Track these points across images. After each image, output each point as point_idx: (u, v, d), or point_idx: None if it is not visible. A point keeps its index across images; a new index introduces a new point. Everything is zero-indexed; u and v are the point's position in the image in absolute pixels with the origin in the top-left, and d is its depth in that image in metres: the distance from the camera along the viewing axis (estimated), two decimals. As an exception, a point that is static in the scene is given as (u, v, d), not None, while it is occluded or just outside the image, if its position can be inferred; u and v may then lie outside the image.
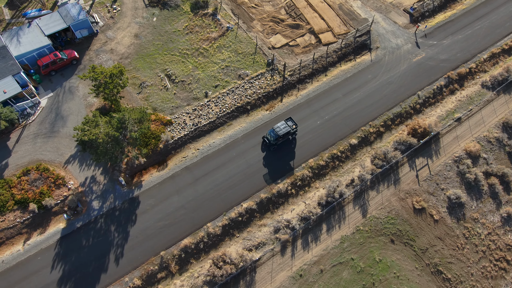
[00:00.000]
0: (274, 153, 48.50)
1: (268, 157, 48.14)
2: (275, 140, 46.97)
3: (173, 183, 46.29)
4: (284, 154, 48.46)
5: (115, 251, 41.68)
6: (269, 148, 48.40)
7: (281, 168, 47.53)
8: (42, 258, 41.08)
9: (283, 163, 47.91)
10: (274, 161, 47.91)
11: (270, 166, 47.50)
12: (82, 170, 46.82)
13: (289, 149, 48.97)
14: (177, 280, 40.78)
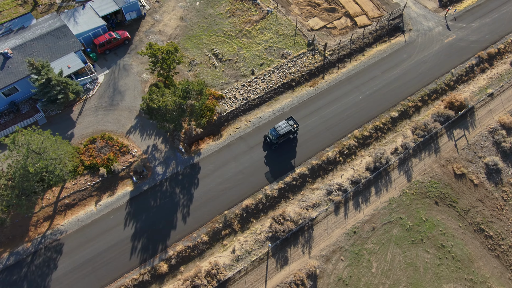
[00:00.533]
0: (322, 124, 52.39)
1: (316, 128, 52.07)
2: (276, 139, 47.80)
3: (230, 151, 50.11)
4: (331, 125, 52.40)
5: (182, 211, 45.46)
6: (271, 147, 49.34)
7: (328, 138, 51.36)
8: (115, 217, 44.77)
9: (331, 133, 51.87)
10: (321, 132, 51.84)
11: (319, 136, 51.40)
12: (143, 139, 50.61)
13: (336, 121, 52.89)
14: (241, 236, 44.55)
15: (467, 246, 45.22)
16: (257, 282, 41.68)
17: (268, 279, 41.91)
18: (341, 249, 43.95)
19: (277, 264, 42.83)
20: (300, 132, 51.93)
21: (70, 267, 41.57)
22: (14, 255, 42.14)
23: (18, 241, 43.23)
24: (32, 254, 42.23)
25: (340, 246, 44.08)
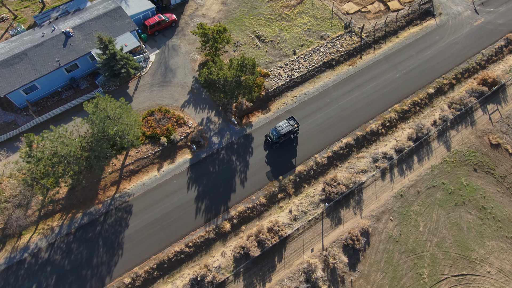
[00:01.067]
0: (364, 99, 56.34)
1: (358, 103, 56.06)
2: (277, 139, 49.03)
3: (278, 123, 53.93)
4: (372, 100, 56.36)
5: (240, 176, 49.35)
6: (271, 147, 50.58)
7: (370, 111, 55.29)
8: (177, 181, 48.63)
9: (372, 107, 55.86)
10: (364, 106, 55.82)
11: (361, 110, 55.38)
12: (197, 113, 54.54)
13: (376, 96, 56.87)
14: (295, 199, 48.42)
15: (506, 208, 49.08)
16: (314, 239, 45.48)
17: (324, 237, 45.73)
18: (389, 210, 47.78)
19: (332, 223, 46.65)
20: (344, 106, 55.86)
21: (141, 225, 45.30)
22: (87, 215, 45.92)
23: (89, 203, 47.00)
24: (104, 214, 45.98)
25: (388, 208, 47.91)
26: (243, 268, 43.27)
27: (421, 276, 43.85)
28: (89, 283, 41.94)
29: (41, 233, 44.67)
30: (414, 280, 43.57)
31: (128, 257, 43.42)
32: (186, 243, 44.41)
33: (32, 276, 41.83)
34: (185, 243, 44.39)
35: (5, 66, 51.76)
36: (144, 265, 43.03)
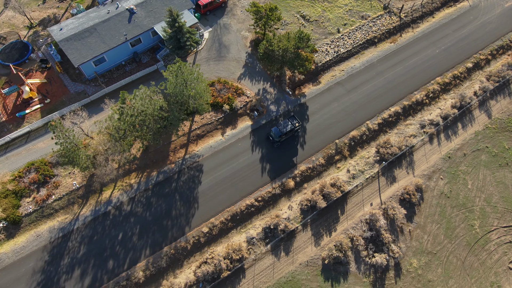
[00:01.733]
0: (407, 73, 61.06)
1: (403, 76, 60.88)
2: (278, 137, 50.91)
3: (330, 94, 58.78)
4: (415, 73, 61.17)
5: (299, 140, 53.91)
6: (273, 145, 52.32)
7: (415, 84, 60.03)
8: (242, 144, 53.29)
9: (416, 80, 60.77)
10: (408, 78, 60.60)
11: (406, 82, 60.17)
12: (253, 84, 59.23)
13: (419, 70, 61.72)
14: (351, 161, 53.09)
15: (546, 169, 53.81)
16: (372, 194, 50.11)
17: (381, 192, 50.37)
18: (439, 170, 52.45)
19: (387, 181, 51.30)
20: (390, 78, 60.65)
21: (212, 182, 49.90)
22: (162, 174, 50.51)
23: (161, 164, 51.58)
24: (177, 173, 50.57)
25: (438, 168, 52.59)
26: (310, 219, 47.82)
27: (472, 227, 48.43)
28: (170, 232, 46.42)
29: (121, 189, 49.18)
30: (467, 231, 48.15)
31: (204, 209, 47.93)
32: (256, 197, 48.95)
33: (118, 226, 46.33)
34: (255, 198, 48.93)
35: (77, 39, 56.39)
36: (219, 217, 47.55)
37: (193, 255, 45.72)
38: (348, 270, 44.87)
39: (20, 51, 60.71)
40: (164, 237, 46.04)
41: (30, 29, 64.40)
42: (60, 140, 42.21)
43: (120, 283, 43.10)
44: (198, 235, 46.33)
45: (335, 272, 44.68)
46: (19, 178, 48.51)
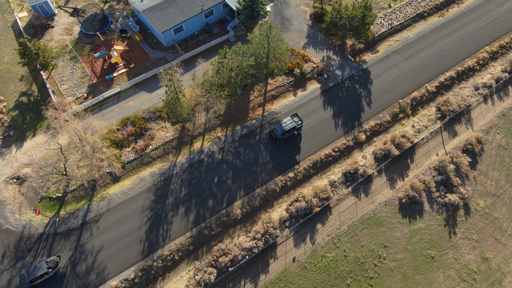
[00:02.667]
0: (457, 43, 67.36)
1: (453, 45, 67.32)
2: (281, 135, 52.53)
3: (389, 60, 65.05)
4: (464, 43, 67.62)
5: (365, 100, 60.20)
6: (276, 142, 54.15)
7: (465, 52, 66.41)
8: (314, 103, 59.48)
9: (466, 49, 67.23)
10: (459, 48, 67.05)
11: (457, 51, 66.59)
12: (317, 52, 65.45)
13: (467, 40, 68.19)
14: (414, 118, 59.29)
15: None
16: (437, 146, 56.24)
17: (445, 144, 56.52)
18: (495, 126, 58.66)
19: (449, 135, 57.47)
20: (442, 47, 66.89)
21: (291, 135, 55.88)
22: (245, 128, 56.56)
23: (243, 120, 57.67)
24: (259, 127, 56.67)
25: (494, 124, 58.81)
26: (384, 166, 53.90)
27: (530, 174, 54.58)
28: (259, 176, 52.44)
29: (210, 141, 55.23)
30: (525, 177, 54.30)
31: (288, 158, 53.99)
32: (332, 148, 55.04)
33: (212, 171, 52.34)
34: (332, 148, 55.02)
35: (159, 9, 62.56)
36: (302, 164, 53.62)
37: (281, 197, 51.66)
38: (422, 208, 50.86)
39: (100, 22, 66.82)
40: (255, 181, 52.00)
41: (106, 3, 70.46)
42: (171, 88, 48.11)
43: (221, 218, 49.00)
44: (285, 180, 52.30)
45: (411, 210, 50.67)
46: (117, 131, 54.36)
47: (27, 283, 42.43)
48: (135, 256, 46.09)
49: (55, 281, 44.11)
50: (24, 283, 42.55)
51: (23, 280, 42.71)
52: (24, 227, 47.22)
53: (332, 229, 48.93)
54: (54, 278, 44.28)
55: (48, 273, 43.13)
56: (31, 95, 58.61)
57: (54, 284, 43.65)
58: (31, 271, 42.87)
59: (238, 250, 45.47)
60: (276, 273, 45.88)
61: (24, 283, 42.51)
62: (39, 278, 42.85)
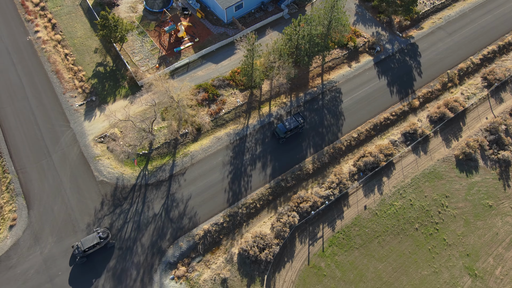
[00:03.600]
0: (497, 19, 73.13)
1: (493, 21, 73.19)
2: (284, 134, 54.49)
3: (434, 36, 70.88)
4: (504, 20, 73.25)
5: (416, 70, 65.90)
6: (278, 141, 56.02)
7: (504, 28, 72.20)
8: (369, 73, 65.14)
9: (505, 25, 72.89)
10: (498, 24, 72.81)
11: (497, 27, 72.35)
12: (367, 28, 71.21)
13: (507, 16, 73.75)
14: (462, 87, 65.00)
15: None
16: (485, 111, 61.97)
17: (493, 109, 62.12)
18: (538, 94, 64.33)
19: (496, 102, 63.18)
20: (483, 24, 72.63)
21: (351, 101, 61.73)
22: (308, 95, 62.16)
23: (304, 88, 63.30)
24: (320, 94, 62.29)
25: (537, 92, 64.50)
26: (439, 128, 59.46)
27: None
28: (326, 136, 58.01)
29: (276, 106, 60.80)
30: None
31: (350, 121, 59.58)
32: (390, 112, 60.68)
33: (282, 132, 57.68)
34: (389, 112, 60.66)
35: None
36: (363, 126, 59.20)
37: (347, 155, 57.23)
38: (477, 164, 56.42)
39: (163, 0, 72.37)
40: (322, 140, 57.56)
41: (164, -16, 75.87)
42: (251, 53, 53.65)
43: (295, 172, 54.49)
44: (349, 139, 57.85)
45: (467, 166, 56.22)
46: (192, 96, 59.84)
47: (81, 252, 45.29)
48: (222, 204, 51.47)
49: (105, 251, 47.40)
50: (78, 252, 45.42)
51: (77, 250, 45.55)
52: (118, 179, 52.57)
53: (397, 182, 54.40)
54: (105, 248, 47.52)
55: (100, 243, 46.14)
56: (107, 66, 64.13)
57: (104, 253, 47.38)
58: (85, 241, 45.68)
59: (316, 197, 50.90)
60: (350, 218, 51.29)
61: (79, 252, 45.37)
62: (91, 248, 45.83)
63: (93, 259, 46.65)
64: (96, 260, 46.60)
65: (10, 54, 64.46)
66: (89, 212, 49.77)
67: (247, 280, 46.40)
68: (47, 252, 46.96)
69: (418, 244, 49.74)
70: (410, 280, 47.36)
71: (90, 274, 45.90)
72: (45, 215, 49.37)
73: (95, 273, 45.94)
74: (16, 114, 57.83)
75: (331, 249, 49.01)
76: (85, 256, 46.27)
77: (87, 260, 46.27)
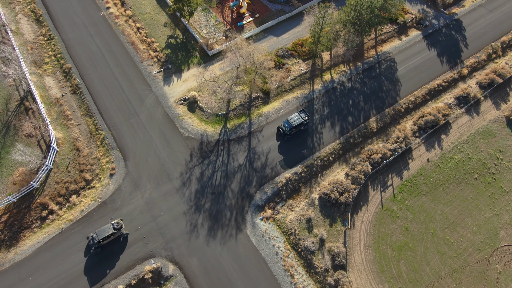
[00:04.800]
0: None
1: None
2: (289, 130, 55.95)
3: (476, 12, 77.76)
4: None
5: (462, 42, 72.34)
6: (284, 138, 57.44)
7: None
8: (418, 45, 71.50)
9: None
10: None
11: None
12: (412, 6, 77.77)
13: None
14: (506, 58, 71.33)
15: None
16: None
17: (536, 77, 68.55)
18: None
19: (538, 70, 69.52)
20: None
21: (406, 70, 68.04)
22: (365, 64, 68.46)
23: (360, 58, 69.66)
24: (376, 63, 68.62)
25: None
26: (489, 92, 65.78)
27: None
28: (386, 100, 64.27)
29: (337, 73, 67.11)
30: None
31: (405, 87, 65.92)
32: (442, 79, 66.99)
33: (346, 96, 64.14)
34: (441, 79, 66.97)
35: (279, -33, 74.49)
36: (418, 92, 65.52)
37: (405, 116, 63.50)
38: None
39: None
40: (383, 103, 63.85)
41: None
42: (324, 20, 59.94)
43: (361, 130, 60.72)
44: (407, 102, 64.13)
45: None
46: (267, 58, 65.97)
47: (95, 243, 46.80)
48: (299, 156, 57.56)
49: (119, 242, 48.89)
50: (93, 243, 46.96)
51: (92, 241, 47.18)
52: (202, 135, 58.72)
53: (455, 139, 60.66)
54: (118, 239, 48.99)
55: (114, 234, 47.65)
56: (177, 38, 70.44)
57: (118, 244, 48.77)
58: (99, 232, 47.11)
59: (385, 150, 57.08)
60: (415, 169, 57.47)
61: (93, 243, 46.90)
62: (106, 239, 47.39)
63: (188, 202, 52.63)
64: (191, 201, 52.58)
65: (87, 27, 70.73)
66: (180, 162, 55.82)
67: (329, 220, 52.45)
68: (147, 196, 52.92)
69: (479, 191, 55.85)
70: (474, 221, 53.45)
71: (188, 214, 51.83)
72: (141, 165, 55.40)
73: (194, 212, 51.88)
74: (101, 80, 63.99)
75: (401, 195, 55.11)
76: (100, 247, 47.68)
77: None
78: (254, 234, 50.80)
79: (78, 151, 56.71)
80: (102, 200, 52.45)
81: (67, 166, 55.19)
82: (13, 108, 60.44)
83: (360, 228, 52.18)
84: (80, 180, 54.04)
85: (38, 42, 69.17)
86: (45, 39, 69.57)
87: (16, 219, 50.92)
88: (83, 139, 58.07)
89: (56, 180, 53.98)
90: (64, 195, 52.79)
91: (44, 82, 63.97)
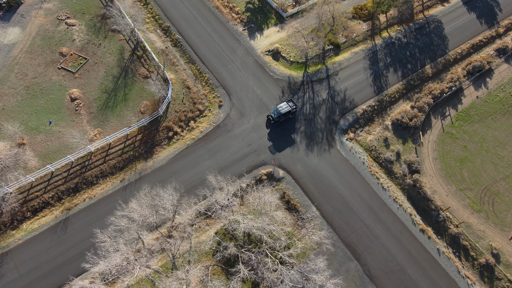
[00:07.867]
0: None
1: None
2: (277, 118, 63.02)
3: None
4: None
5: (496, 7, 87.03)
6: (272, 125, 64.73)
7: None
8: (460, 10, 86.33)
9: None
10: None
11: None
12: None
13: None
14: (507, 37, 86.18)
15: None
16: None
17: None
18: None
19: None
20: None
21: (452, 28, 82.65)
22: (416, 24, 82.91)
23: (410, 20, 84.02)
24: (426, 24, 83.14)
25: None
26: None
27: None
28: (437, 51, 78.62)
29: (393, 31, 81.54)
30: None
31: (453, 41, 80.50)
32: (482, 36, 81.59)
33: (403, 49, 78.44)
34: (482, 36, 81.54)
35: None
36: (464, 45, 79.93)
37: (453, 66, 77.73)
38: (556, 71, 77.12)
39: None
40: (435, 54, 78.24)
41: None
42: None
43: (419, 75, 75.02)
44: (454, 54, 78.60)
45: (549, 72, 76.95)
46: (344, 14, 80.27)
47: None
48: (370, 94, 71.72)
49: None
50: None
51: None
52: (289, 77, 72.70)
53: (497, 81, 74.97)
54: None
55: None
56: (254, 3, 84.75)
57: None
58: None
59: (443, 87, 71.24)
60: (467, 104, 71.63)
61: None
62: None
63: (284, 126, 66.48)
64: (288, 125, 66.43)
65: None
66: (274, 97, 69.75)
67: (401, 140, 66.35)
68: (252, 121, 66.72)
69: (521, 120, 70.05)
70: (520, 141, 67.57)
71: (287, 135, 65.67)
72: (243, 99, 69.28)
73: (292, 133, 65.67)
74: (197, 35, 78.08)
75: (458, 123, 69.15)
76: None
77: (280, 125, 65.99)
78: (343, 149, 64.61)
79: (188, 88, 70.49)
80: (216, 124, 66.17)
81: (182, 99, 68.95)
82: (127, 57, 74.23)
83: (428, 146, 66.10)
84: (194, 109, 67.78)
85: (136, 6, 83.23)
86: (142, 4, 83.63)
87: (149, 138, 64.50)
88: (190, 80, 71.88)
89: (175, 109, 67.69)
90: (184, 120, 66.44)
91: (149, 37, 77.94)
